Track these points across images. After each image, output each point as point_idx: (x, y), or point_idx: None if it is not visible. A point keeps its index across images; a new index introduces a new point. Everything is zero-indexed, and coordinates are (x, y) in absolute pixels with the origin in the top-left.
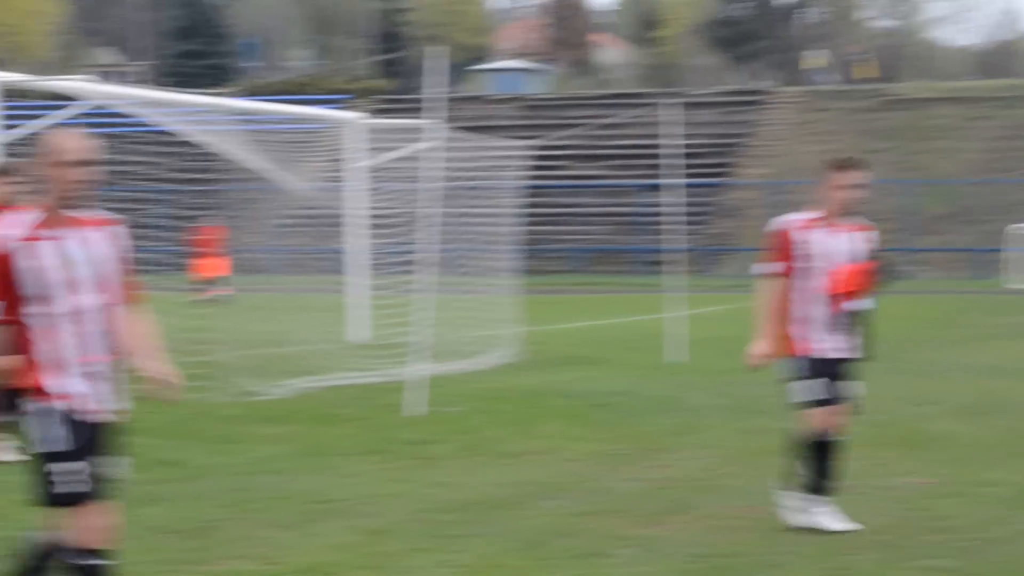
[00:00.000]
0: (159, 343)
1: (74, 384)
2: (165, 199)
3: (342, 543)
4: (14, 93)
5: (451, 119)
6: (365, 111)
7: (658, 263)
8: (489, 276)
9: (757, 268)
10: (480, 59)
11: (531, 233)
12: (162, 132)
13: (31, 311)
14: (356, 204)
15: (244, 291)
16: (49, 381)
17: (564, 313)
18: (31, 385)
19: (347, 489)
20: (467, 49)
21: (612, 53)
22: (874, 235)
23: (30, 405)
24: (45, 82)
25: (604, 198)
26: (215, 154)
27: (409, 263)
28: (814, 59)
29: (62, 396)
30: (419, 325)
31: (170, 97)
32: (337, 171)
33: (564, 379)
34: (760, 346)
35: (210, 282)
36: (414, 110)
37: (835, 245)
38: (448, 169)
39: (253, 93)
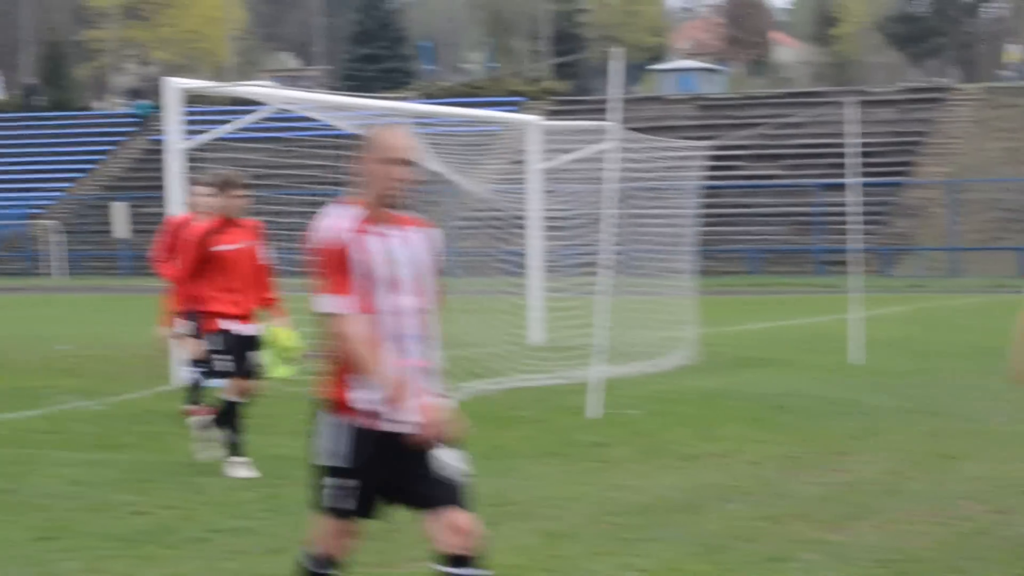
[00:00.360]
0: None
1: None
2: None
3: (523, 545)
4: (196, 99)
5: (628, 120)
6: (539, 113)
7: (834, 263)
8: (666, 277)
9: None
10: (656, 59)
11: (707, 234)
12: (341, 136)
13: None
14: (534, 206)
15: None
16: (354, 394)
17: (741, 314)
18: (331, 396)
19: (527, 491)
20: (643, 49)
21: (788, 52)
22: None
23: (325, 416)
24: (227, 88)
25: (780, 198)
26: None
27: (587, 265)
28: (1012, 53)
29: (364, 413)
30: (597, 327)
31: (349, 101)
32: (515, 173)
33: (742, 381)
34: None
35: None
36: (588, 111)
37: None
38: (625, 170)
39: (429, 96)
